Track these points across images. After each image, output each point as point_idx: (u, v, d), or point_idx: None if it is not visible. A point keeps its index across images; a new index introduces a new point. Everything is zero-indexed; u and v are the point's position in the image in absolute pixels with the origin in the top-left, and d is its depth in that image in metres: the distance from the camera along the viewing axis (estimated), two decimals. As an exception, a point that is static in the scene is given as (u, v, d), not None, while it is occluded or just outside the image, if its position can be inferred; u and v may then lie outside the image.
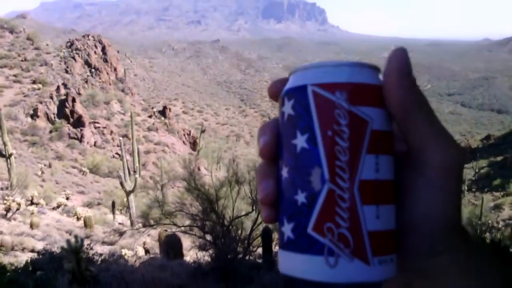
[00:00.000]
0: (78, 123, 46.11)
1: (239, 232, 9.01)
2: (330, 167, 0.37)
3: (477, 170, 47.05)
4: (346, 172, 0.37)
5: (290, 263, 0.39)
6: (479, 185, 42.53)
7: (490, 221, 17.43)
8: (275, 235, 8.93)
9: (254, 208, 8.89)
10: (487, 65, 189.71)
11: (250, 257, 8.83)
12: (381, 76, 0.41)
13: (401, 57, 0.40)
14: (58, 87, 51.44)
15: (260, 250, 9.15)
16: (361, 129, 0.38)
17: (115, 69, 71.63)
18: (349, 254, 0.36)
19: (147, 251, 13.30)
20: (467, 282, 0.40)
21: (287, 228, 0.39)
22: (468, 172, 44.05)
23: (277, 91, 0.43)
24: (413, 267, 0.42)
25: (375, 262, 0.37)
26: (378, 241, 0.37)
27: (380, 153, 0.38)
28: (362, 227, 0.37)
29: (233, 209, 8.92)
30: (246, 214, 9.10)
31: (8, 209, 15.79)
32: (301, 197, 0.38)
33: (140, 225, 10.55)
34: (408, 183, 0.41)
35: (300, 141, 0.38)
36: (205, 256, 8.56)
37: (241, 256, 8.39)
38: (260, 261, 8.85)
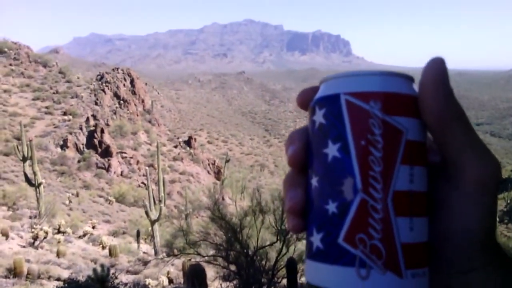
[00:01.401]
0: (106, 153, 47.01)
1: (264, 262, 8.88)
2: (363, 177, 0.37)
3: (509, 201, 45.54)
4: (380, 183, 0.36)
5: (318, 274, 0.38)
6: (511, 216, 41.05)
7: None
8: (300, 266, 8.77)
9: (278, 238, 8.78)
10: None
11: (275, 289, 8.67)
12: (415, 86, 0.40)
13: (438, 66, 0.38)
14: (87, 119, 52.87)
15: (284, 281, 8.97)
16: (395, 139, 0.37)
17: (142, 101, 73.31)
18: (381, 266, 0.36)
19: (170, 281, 13.22)
20: None
21: (316, 238, 0.39)
22: (500, 203, 42.66)
23: (306, 99, 0.42)
24: (446, 283, 0.40)
25: (408, 275, 0.36)
26: (411, 254, 0.37)
27: (415, 164, 0.38)
28: (395, 239, 0.36)
29: (257, 239, 8.83)
30: (271, 244, 8.99)
31: (35, 238, 16.02)
32: (332, 207, 0.38)
33: (164, 254, 10.52)
34: (441, 195, 0.40)
35: (332, 150, 0.38)
36: (229, 287, 8.46)
37: (265, 287, 8.25)
38: (285, 292, 8.67)
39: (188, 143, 61.05)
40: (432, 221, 0.40)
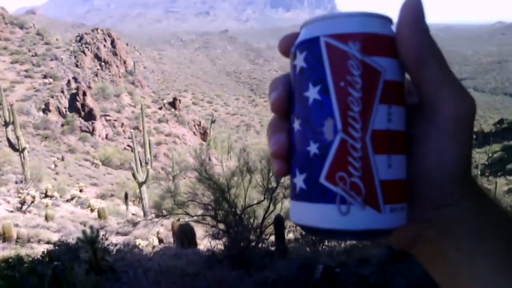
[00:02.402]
0: (89, 116, 46.47)
1: (252, 220, 9.03)
2: (343, 118, 0.37)
3: (490, 155, 46.61)
4: (359, 122, 0.37)
5: (302, 213, 0.40)
6: (492, 169, 42.11)
7: (504, 206, 17.29)
8: (288, 223, 8.95)
9: (265, 196, 8.90)
10: (500, 48, 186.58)
11: (263, 245, 8.87)
12: (393, 27, 0.40)
13: (414, 5, 0.39)
14: (68, 81, 51.85)
15: (272, 238, 9.18)
16: (374, 79, 0.37)
17: (124, 62, 71.82)
18: (361, 202, 0.37)
19: (160, 241, 13.42)
20: (477, 231, 0.40)
21: (299, 179, 0.40)
22: (481, 157, 43.57)
23: (288, 45, 0.43)
24: (424, 217, 0.41)
25: (386, 209, 0.37)
26: (389, 190, 0.38)
27: (393, 103, 0.38)
28: (374, 176, 0.37)
29: (245, 198, 8.94)
30: (258, 203, 9.11)
31: (23, 202, 16.02)
32: (313, 148, 0.38)
33: (153, 215, 10.63)
34: (419, 133, 0.41)
35: (313, 93, 0.38)
36: (218, 245, 8.62)
37: (254, 244, 8.43)
38: (273, 248, 8.88)
39: (172, 104, 60.48)
40: (410, 158, 0.41)
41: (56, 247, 8.65)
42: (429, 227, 0.42)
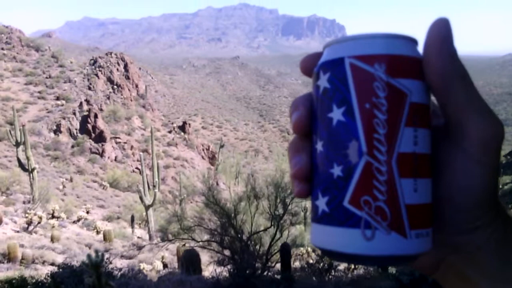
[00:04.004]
0: (100, 138, 46.82)
1: (258, 247, 8.92)
2: (368, 140, 0.37)
3: (500, 186, 45.85)
4: (384, 145, 0.36)
5: (324, 237, 0.39)
6: (503, 201, 41.39)
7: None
8: (294, 251, 8.83)
9: (272, 223, 8.81)
10: (511, 80, 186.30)
11: (269, 273, 8.72)
12: (419, 49, 0.40)
13: (442, 27, 0.38)
14: (81, 103, 52.50)
15: (278, 266, 9.03)
16: (399, 102, 0.37)
17: (136, 86, 72.78)
18: (386, 227, 0.36)
19: (165, 266, 13.27)
20: (503, 256, 0.39)
21: (322, 202, 0.39)
22: (492, 189, 42.96)
23: (310, 65, 0.42)
24: (449, 242, 0.41)
25: (412, 235, 0.37)
26: (415, 215, 0.37)
27: (419, 126, 0.38)
28: (399, 200, 0.36)
29: (251, 224, 8.86)
30: (265, 230, 9.02)
31: (29, 223, 16.01)
32: (337, 171, 0.38)
33: (159, 239, 10.55)
34: (445, 157, 0.40)
35: (337, 114, 0.38)
36: (223, 272, 8.50)
37: (259, 272, 8.30)
38: (278, 277, 8.73)
39: (182, 128, 60.86)
40: (436, 182, 0.40)
41: (60, 270, 8.57)
42: (454, 251, 0.41)
